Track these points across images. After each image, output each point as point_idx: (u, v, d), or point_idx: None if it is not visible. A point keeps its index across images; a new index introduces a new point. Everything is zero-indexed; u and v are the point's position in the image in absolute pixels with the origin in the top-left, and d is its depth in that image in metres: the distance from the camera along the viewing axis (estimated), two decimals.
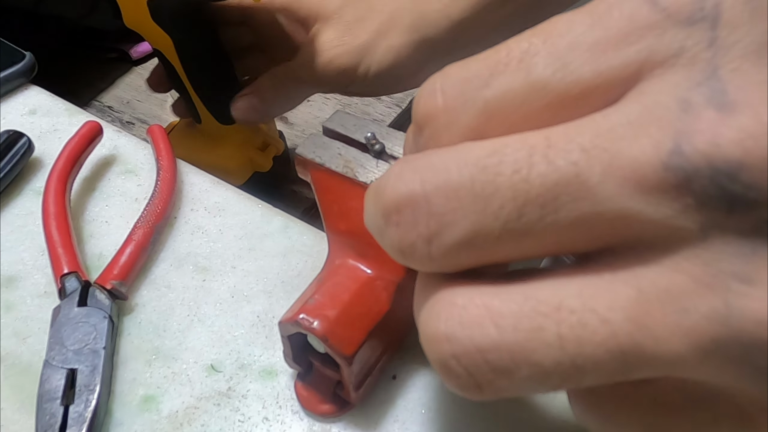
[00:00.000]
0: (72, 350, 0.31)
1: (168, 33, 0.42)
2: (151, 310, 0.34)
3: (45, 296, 0.35)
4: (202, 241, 0.37)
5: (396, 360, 0.31)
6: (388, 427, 0.29)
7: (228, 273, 0.36)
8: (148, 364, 0.32)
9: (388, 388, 0.30)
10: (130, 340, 0.33)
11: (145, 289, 0.35)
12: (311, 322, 0.25)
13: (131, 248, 0.35)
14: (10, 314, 0.34)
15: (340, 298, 0.26)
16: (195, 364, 0.32)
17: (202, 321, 0.33)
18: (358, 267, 0.28)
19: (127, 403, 0.30)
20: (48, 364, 0.30)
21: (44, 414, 0.28)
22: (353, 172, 0.28)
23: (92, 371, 0.30)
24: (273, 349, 0.32)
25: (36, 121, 0.45)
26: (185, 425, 0.29)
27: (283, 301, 0.34)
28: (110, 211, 0.39)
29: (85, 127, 0.40)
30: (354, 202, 0.28)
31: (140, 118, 0.62)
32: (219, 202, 0.39)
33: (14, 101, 0.47)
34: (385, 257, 0.28)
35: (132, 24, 0.42)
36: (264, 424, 0.29)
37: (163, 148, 0.40)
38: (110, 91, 0.65)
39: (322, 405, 0.29)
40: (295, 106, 0.47)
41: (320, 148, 0.29)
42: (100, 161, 0.42)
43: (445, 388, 0.30)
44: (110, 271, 0.34)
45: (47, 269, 0.35)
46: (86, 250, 0.37)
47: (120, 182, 0.41)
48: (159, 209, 0.37)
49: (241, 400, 0.30)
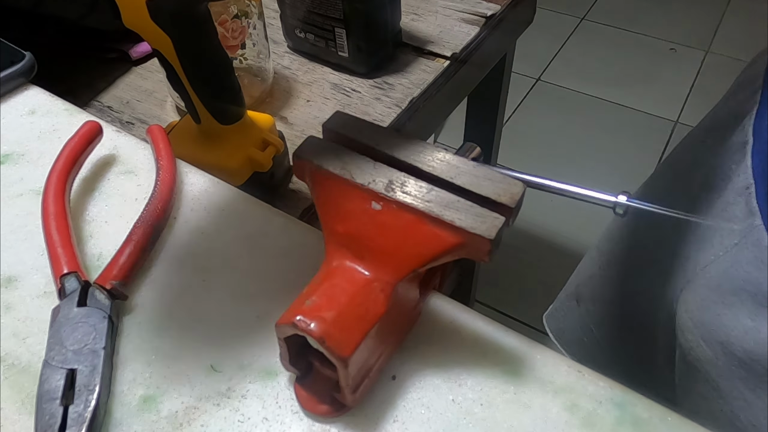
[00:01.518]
0: (71, 350, 0.31)
1: (167, 33, 0.42)
2: (151, 310, 0.34)
3: (45, 296, 0.35)
4: (202, 241, 0.37)
5: (396, 360, 0.31)
6: (387, 428, 0.29)
7: (228, 273, 0.36)
8: (148, 364, 0.32)
9: (387, 388, 0.30)
10: (130, 340, 0.33)
11: (145, 289, 0.35)
12: (308, 323, 0.25)
13: (131, 248, 0.35)
14: (9, 314, 0.34)
15: (338, 299, 0.26)
16: (195, 364, 0.32)
17: (201, 321, 0.33)
18: (355, 269, 0.28)
19: (127, 403, 0.30)
20: (47, 365, 0.30)
21: (44, 414, 0.28)
22: (351, 174, 0.28)
23: (92, 371, 0.30)
24: (273, 349, 0.32)
25: (36, 121, 0.45)
26: (185, 425, 0.29)
27: (283, 302, 0.34)
28: (110, 211, 0.39)
29: (85, 127, 0.40)
30: (351, 204, 0.28)
31: (140, 118, 0.62)
32: (219, 202, 0.39)
33: (14, 101, 0.47)
34: (382, 259, 0.28)
35: (131, 24, 0.42)
36: (264, 424, 0.29)
37: (162, 148, 0.40)
38: (110, 91, 0.65)
39: (321, 405, 0.29)
40: None
41: (318, 150, 0.29)
42: (99, 161, 0.42)
43: (445, 388, 0.30)
44: (110, 271, 0.34)
45: (47, 269, 0.35)
46: (86, 250, 0.37)
47: (119, 182, 0.41)
48: (159, 209, 0.37)
49: (240, 400, 0.30)
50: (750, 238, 0.37)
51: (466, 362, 0.31)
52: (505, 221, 0.27)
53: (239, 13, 0.57)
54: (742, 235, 0.38)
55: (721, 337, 0.38)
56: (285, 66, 0.68)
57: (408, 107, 0.62)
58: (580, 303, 0.62)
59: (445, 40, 0.69)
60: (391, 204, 0.28)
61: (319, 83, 0.65)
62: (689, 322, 0.42)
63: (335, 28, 0.62)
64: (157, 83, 0.66)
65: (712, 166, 0.44)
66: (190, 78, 0.45)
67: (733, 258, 0.38)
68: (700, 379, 0.41)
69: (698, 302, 0.42)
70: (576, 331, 0.63)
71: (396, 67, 0.66)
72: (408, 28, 0.70)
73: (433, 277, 0.33)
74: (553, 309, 0.68)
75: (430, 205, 0.27)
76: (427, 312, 0.33)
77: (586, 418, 0.29)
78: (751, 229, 0.37)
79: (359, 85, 0.65)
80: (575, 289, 0.64)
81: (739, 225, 0.38)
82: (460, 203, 0.27)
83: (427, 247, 0.27)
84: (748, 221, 0.37)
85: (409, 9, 0.73)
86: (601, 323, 0.59)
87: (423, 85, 0.64)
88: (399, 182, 0.28)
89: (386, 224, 0.28)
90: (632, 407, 0.29)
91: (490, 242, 0.26)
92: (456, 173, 0.28)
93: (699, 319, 0.41)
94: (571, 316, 0.64)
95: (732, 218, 0.39)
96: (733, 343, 0.37)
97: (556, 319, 0.67)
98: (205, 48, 0.44)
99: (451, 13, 0.72)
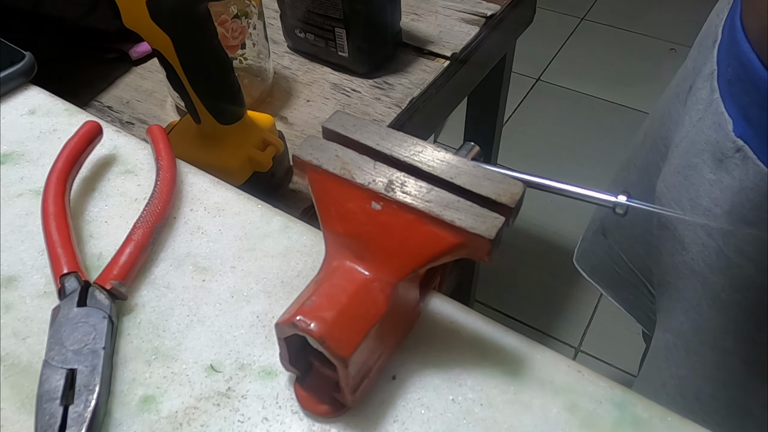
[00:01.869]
0: (71, 350, 0.31)
1: (167, 33, 0.42)
2: (151, 310, 0.34)
3: (44, 296, 0.35)
4: (202, 241, 0.37)
5: (396, 360, 0.31)
6: (387, 428, 0.29)
7: (227, 273, 0.36)
8: (148, 364, 0.32)
9: (387, 388, 0.30)
10: (130, 341, 0.33)
11: (145, 289, 0.35)
12: (308, 323, 0.25)
13: (131, 248, 0.35)
14: (9, 314, 0.34)
15: (338, 299, 0.26)
16: (194, 364, 0.32)
17: (201, 321, 0.33)
18: (355, 269, 0.28)
19: (127, 403, 0.30)
20: (47, 365, 0.30)
21: (44, 414, 0.28)
22: (351, 174, 0.28)
23: (92, 371, 0.30)
24: (273, 349, 0.32)
25: (36, 121, 0.45)
26: (185, 425, 0.29)
27: (283, 301, 0.34)
28: (110, 211, 0.39)
29: (85, 127, 0.40)
30: (351, 204, 0.28)
31: (140, 118, 0.62)
32: (219, 202, 0.40)
33: (14, 101, 0.47)
34: (382, 259, 0.28)
35: (131, 24, 0.42)
36: (263, 424, 0.29)
37: (162, 148, 0.40)
38: (110, 91, 0.65)
39: (321, 405, 0.29)
40: None
41: (318, 150, 0.29)
42: (99, 161, 0.42)
43: (445, 388, 0.30)
44: (110, 271, 0.34)
45: (47, 269, 0.35)
46: (86, 250, 0.37)
47: (119, 182, 0.41)
48: (158, 209, 0.37)
49: (240, 400, 0.30)
50: (710, 109, 0.44)
51: (466, 362, 0.31)
52: (505, 221, 0.27)
53: (239, 13, 0.57)
54: (705, 109, 0.45)
55: (691, 194, 0.45)
56: (285, 66, 0.68)
57: (408, 107, 0.62)
58: (607, 235, 0.65)
59: (445, 40, 0.69)
60: (391, 204, 0.28)
61: (319, 83, 0.65)
62: (664, 189, 0.49)
63: (335, 28, 0.62)
64: (157, 83, 0.66)
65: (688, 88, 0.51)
66: (190, 78, 0.45)
67: (697, 129, 0.45)
68: (669, 238, 0.49)
69: (671, 172, 0.49)
70: (607, 263, 0.66)
71: (396, 67, 0.66)
72: (408, 28, 0.70)
73: (433, 277, 0.33)
74: (581, 249, 0.71)
75: (430, 205, 0.27)
76: (427, 312, 0.33)
77: (586, 418, 0.29)
78: (711, 102, 0.44)
79: (359, 85, 0.65)
80: (600, 224, 0.67)
81: (703, 104, 0.45)
82: (460, 203, 0.27)
83: (427, 247, 0.27)
84: (711, 97, 0.44)
85: (409, 9, 0.73)
86: (630, 249, 0.62)
87: (423, 85, 0.64)
88: (399, 182, 0.28)
89: (386, 224, 0.28)
90: (632, 407, 0.29)
91: (490, 242, 0.26)
92: (456, 173, 0.28)
93: (672, 184, 0.48)
94: (601, 250, 0.67)
95: (699, 101, 0.46)
96: (701, 195, 0.44)
97: (586, 258, 0.70)
98: (205, 48, 0.44)
99: (451, 13, 0.72)
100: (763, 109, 0.39)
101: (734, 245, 0.42)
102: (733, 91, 0.42)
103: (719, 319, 0.46)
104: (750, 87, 0.40)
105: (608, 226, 0.65)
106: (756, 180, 0.39)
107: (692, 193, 0.45)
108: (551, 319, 1.41)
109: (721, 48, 0.45)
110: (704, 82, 0.46)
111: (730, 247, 0.42)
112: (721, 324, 0.46)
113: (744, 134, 0.40)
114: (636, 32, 2.19)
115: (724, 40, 0.44)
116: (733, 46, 0.42)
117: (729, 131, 0.41)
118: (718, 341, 0.47)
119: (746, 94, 0.40)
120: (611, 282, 0.67)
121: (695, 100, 0.47)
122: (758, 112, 0.39)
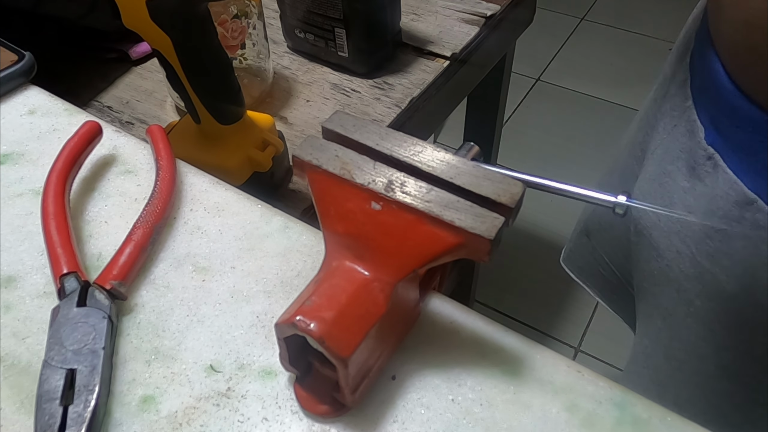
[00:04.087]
0: (71, 350, 0.31)
1: (167, 33, 0.42)
2: (151, 310, 0.34)
3: (44, 296, 0.35)
4: (202, 242, 0.37)
5: (396, 360, 0.31)
6: (387, 428, 0.29)
7: (227, 273, 0.36)
8: (148, 364, 0.32)
9: (387, 388, 0.30)
10: (130, 341, 0.33)
11: (145, 290, 0.35)
12: (308, 323, 0.25)
13: (130, 248, 0.35)
14: (9, 314, 0.34)
15: (337, 299, 0.26)
16: (194, 364, 0.32)
17: (201, 321, 0.33)
18: (355, 269, 0.28)
19: (126, 403, 0.30)
20: (47, 365, 0.30)
21: (43, 414, 0.28)
22: (350, 174, 0.28)
23: (91, 371, 0.30)
24: (272, 349, 0.32)
25: (35, 121, 0.45)
26: (184, 425, 0.29)
27: (283, 301, 0.34)
28: (109, 211, 0.39)
29: (85, 127, 0.40)
30: (351, 204, 0.28)
31: (139, 118, 0.62)
32: (218, 202, 0.39)
33: (14, 101, 0.47)
34: (382, 259, 0.28)
35: (131, 24, 0.42)
36: (263, 424, 0.29)
37: (162, 149, 0.40)
38: (110, 92, 0.65)
39: (321, 405, 0.29)
40: None
41: (317, 150, 0.29)
42: (99, 161, 0.42)
43: (445, 388, 0.30)
44: (109, 271, 0.34)
45: (46, 269, 0.35)
46: (85, 250, 0.37)
47: (119, 182, 0.41)
48: (158, 209, 0.37)
49: (240, 400, 0.30)
50: (684, 116, 0.44)
51: (466, 362, 0.31)
52: (505, 221, 0.27)
53: (239, 13, 0.57)
54: (679, 116, 0.45)
55: (665, 201, 0.46)
56: (285, 66, 0.68)
57: (408, 107, 0.62)
58: (590, 237, 0.65)
59: (445, 40, 0.69)
60: (391, 204, 0.28)
61: (319, 83, 0.65)
62: (640, 196, 0.50)
63: (335, 28, 0.62)
64: (157, 83, 0.66)
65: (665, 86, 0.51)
66: (190, 78, 0.45)
67: (672, 137, 0.46)
68: (645, 244, 0.49)
69: (647, 179, 0.49)
70: (592, 264, 0.66)
71: (396, 67, 0.66)
72: (408, 28, 0.70)
73: (433, 277, 0.33)
74: (567, 250, 0.72)
75: (429, 205, 0.27)
76: (427, 312, 0.33)
77: (586, 418, 0.29)
78: (685, 110, 0.44)
79: (359, 85, 0.65)
80: (584, 226, 0.67)
81: (678, 111, 0.45)
82: (459, 203, 0.27)
83: (427, 247, 0.27)
84: (684, 105, 0.45)
85: (409, 9, 0.73)
86: (611, 251, 0.63)
87: (423, 85, 0.64)
88: (399, 182, 0.28)
89: (386, 224, 0.28)
90: (632, 407, 0.29)
91: (490, 242, 0.26)
92: (456, 173, 0.28)
93: (647, 191, 0.49)
94: (585, 251, 0.67)
95: (674, 107, 0.46)
96: (676, 202, 0.44)
97: (573, 259, 0.70)
98: (205, 48, 0.44)
99: (451, 13, 0.72)
100: (730, 119, 0.39)
101: (707, 253, 0.43)
102: (703, 100, 0.42)
103: (695, 326, 0.46)
104: (717, 96, 0.40)
105: (591, 228, 0.66)
106: (725, 188, 0.39)
107: (667, 201, 0.45)
108: (551, 319, 1.41)
109: (693, 55, 0.45)
110: (678, 89, 0.46)
111: (703, 255, 0.43)
112: (697, 331, 0.46)
113: (714, 142, 0.40)
114: (636, 32, 2.19)
115: (697, 48, 0.45)
116: (702, 55, 0.42)
117: (701, 139, 0.41)
118: (695, 347, 0.47)
119: (713, 104, 0.41)
120: (597, 283, 0.67)
121: (670, 106, 0.47)
122: (726, 122, 0.40)
